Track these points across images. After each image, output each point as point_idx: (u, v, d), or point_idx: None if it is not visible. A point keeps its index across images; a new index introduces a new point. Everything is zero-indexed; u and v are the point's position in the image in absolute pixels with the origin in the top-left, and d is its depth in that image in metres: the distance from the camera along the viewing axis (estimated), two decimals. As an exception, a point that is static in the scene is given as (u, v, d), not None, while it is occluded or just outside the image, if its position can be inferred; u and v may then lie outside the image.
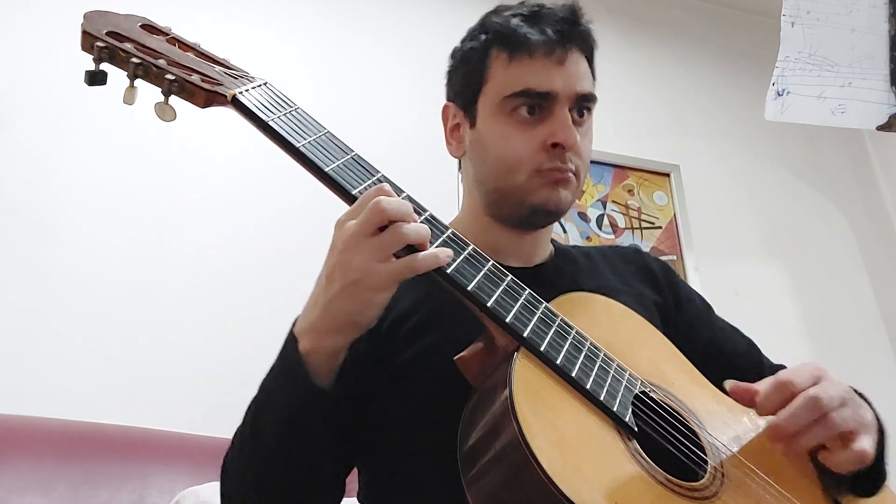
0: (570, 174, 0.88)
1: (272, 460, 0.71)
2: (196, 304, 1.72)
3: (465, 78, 0.93)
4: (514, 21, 0.90)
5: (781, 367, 1.03)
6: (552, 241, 1.01)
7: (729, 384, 0.75)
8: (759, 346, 1.05)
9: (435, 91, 1.04)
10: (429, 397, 0.79)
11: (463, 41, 0.96)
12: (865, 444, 0.72)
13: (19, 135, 1.75)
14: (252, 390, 0.76)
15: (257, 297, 1.77)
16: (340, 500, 0.79)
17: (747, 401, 0.73)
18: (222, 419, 1.58)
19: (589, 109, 0.91)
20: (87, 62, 0.73)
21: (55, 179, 1.74)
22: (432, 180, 1.35)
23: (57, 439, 1.32)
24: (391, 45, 2.31)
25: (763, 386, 0.72)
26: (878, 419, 0.80)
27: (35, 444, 1.29)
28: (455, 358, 0.73)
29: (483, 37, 0.92)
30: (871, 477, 0.78)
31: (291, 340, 0.70)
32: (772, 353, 1.05)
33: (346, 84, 2.15)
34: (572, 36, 0.90)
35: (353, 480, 1.42)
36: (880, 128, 1.72)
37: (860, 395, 0.79)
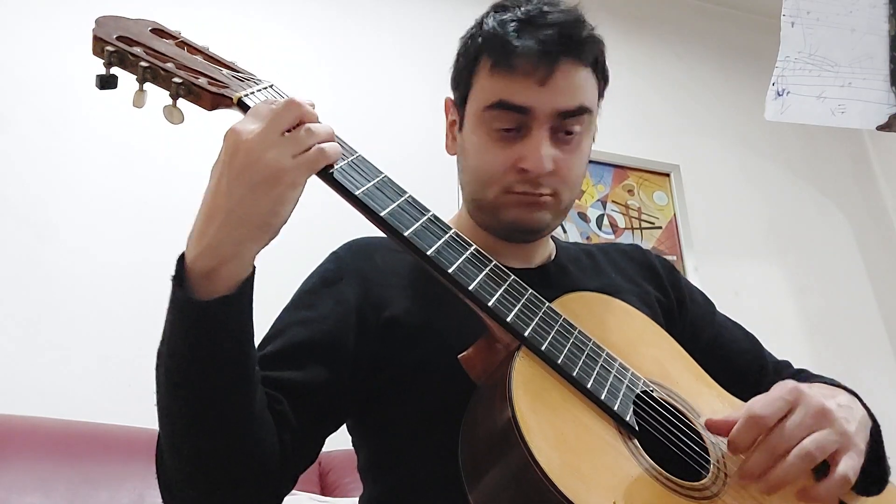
0: (546, 197, 0.84)
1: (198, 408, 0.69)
2: (196, 304, 1.72)
3: (457, 79, 0.91)
4: (507, 27, 0.83)
5: (784, 362, 1.03)
6: (553, 238, 1.00)
7: (706, 421, 0.73)
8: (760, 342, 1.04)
9: (436, 91, 1.03)
10: (434, 403, 0.78)
11: (465, 35, 0.92)
12: (846, 467, 0.68)
13: (19, 135, 1.74)
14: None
15: (257, 298, 1.76)
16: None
17: (725, 435, 0.69)
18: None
19: (581, 122, 0.85)
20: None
21: (55, 180, 1.73)
22: (432, 180, 1.35)
23: (57, 439, 1.32)
24: (393, 45, 2.31)
25: (738, 424, 0.68)
26: (870, 415, 0.78)
27: (35, 444, 1.29)
28: (459, 356, 0.73)
29: (478, 39, 0.87)
30: (874, 476, 0.77)
31: (180, 272, 0.66)
32: (772, 353, 1.05)
33: (347, 84, 2.15)
34: (565, 48, 0.82)
35: (354, 481, 1.42)
36: (880, 128, 1.72)
37: (846, 388, 0.77)
